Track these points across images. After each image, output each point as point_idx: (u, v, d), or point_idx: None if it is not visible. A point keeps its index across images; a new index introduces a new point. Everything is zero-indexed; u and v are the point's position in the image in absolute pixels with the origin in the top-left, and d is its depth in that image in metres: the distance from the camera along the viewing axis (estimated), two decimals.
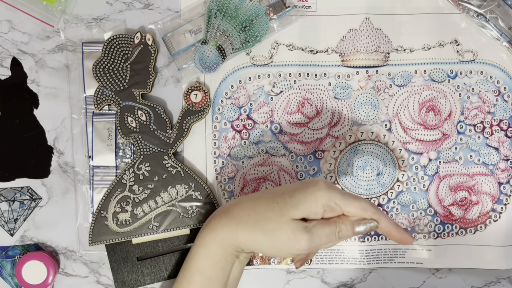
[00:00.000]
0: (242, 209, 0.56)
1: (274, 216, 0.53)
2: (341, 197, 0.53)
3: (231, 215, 0.56)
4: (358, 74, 0.67)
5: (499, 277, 0.69)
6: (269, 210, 0.54)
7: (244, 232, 0.54)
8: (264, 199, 0.55)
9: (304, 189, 0.54)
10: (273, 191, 0.56)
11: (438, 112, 0.67)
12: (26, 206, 0.67)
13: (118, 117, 0.65)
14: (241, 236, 0.55)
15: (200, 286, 0.57)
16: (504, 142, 0.68)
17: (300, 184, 0.55)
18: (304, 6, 0.67)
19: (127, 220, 0.66)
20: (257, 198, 0.56)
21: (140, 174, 0.66)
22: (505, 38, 0.66)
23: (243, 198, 0.57)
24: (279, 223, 0.53)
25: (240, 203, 0.57)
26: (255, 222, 0.54)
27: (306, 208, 0.53)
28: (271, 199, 0.55)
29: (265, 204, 0.55)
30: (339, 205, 0.53)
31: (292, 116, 0.67)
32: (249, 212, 0.55)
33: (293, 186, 0.55)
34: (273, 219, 0.53)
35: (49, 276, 0.65)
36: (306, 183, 0.54)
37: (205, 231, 0.57)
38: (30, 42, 0.67)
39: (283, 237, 0.53)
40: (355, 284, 0.69)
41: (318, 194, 0.53)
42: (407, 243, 0.55)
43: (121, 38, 0.65)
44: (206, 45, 0.64)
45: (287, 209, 0.53)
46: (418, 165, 0.68)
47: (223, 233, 0.55)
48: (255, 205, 0.55)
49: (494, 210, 0.68)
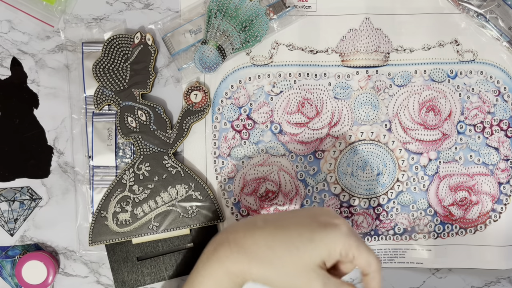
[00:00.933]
0: (256, 244, 0.52)
1: (292, 262, 0.51)
2: (357, 246, 0.51)
3: (243, 250, 0.52)
4: (358, 74, 0.67)
5: (499, 277, 0.69)
6: (287, 253, 0.51)
7: (257, 269, 0.51)
8: (281, 240, 0.52)
9: (325, 234, 0.51)
10: (289, 228, 0.52)
11: (438, 112, 0.67)
12: (26, 206, 0.67)
13: (118, 117, 0.65)
14: (254, 272, 0.51)
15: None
16: (504, 142, 0.68)
17: (320, 226, 0.52)
18: (304, 6, 0.67)
19: (127, 220, 0.66)
20: (272, 235, 0.52)
21: (140, 174, 0.66)
22: (505, 38, 0.66)
23: (256, 229, 0.53)
24: (297, 270, 0.51)
25: (252, 235, 0.53)
26: (271, 262, 0.51)
27: (325, 254, 0.51)
28: (290, 241, 0.51)
29: (283, 246, 0.51)
30: (354, 254, 0.51)
31: (292, 116, 0.67)
32: (264, 250, 0.51)
33: (312, 228, 0.52)
34: (291, 265, 0.51)
35: (49, 276, 0.65)
36: (326, 225, 0.51)
37: (213, 262, 0.53)
38: (30, 42, 0.67)
39: (297, 283, 0.51)
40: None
41: (338, 241, 0.50)
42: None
43: (121, 38, 0.65)
44: (206, 45, 0.64)
45: (307, 255, 0.51)
46: (418, 165, 0.68)
47: (234, 267, 0.52)
48: (272, 244, 0.52)
49: (494, 210, 0.68)
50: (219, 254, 0.53)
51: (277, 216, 0.55)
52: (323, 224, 0.51)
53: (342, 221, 0.52)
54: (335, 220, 0.52)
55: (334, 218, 0.53)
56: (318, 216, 0.53)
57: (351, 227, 0.52)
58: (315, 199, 0.67)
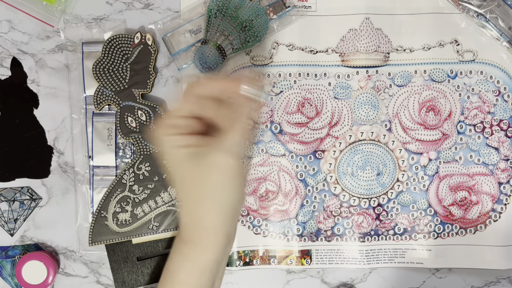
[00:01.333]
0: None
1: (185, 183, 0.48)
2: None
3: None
4: (358, 74, 0.67)
5: (499, 277, 0.69)
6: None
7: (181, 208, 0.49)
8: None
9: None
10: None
11: (438, 112, 0.67)
12: (26, 206, 0.67)
13: (118, 117, 0.65)
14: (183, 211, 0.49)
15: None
16: (504, 142, 0.68)
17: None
18: (304, 6, 0.67)
19: (127, 220, 0.66)
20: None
21: (140, 174, 0.66)
22: (505, 38, 0.66)
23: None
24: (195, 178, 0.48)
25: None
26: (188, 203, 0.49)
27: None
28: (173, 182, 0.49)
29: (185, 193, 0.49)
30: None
31: (292, 116, 0.67)
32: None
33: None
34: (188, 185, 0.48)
35: (49, 276, 0.65)
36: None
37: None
38: (30, 42, 0.67)
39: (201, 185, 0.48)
40: (355, 284, 0.69)
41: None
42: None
43: (121, 38, 0.65)
44: (206, 45, 0.64)
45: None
46: (418, 165, 0.68)
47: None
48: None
49: (494, 210, 0.68)
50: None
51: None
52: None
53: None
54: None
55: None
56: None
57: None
58: (315, 199, 0.67)
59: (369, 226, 0.68)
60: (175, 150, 0.48)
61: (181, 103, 0.49)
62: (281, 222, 0.67)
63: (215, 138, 0.48)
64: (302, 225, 0.67)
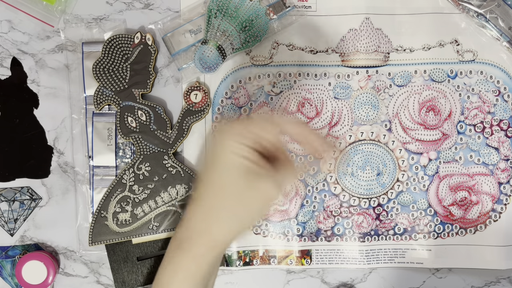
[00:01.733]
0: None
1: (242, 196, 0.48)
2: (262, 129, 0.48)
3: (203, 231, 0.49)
4: (358, 74, 0.67)
5: (499, 277, 0.69)
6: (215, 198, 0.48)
7: (218, 226, 0.49)
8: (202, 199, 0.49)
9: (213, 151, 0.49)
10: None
11: (438, 112, 0.67)
12: (26, 206, 0.67)
13: (118, 117, 0.65)
14: (215, 231, 0.49)
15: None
16: (504, 142, 0.68)
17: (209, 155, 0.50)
18: (304, 6, 0.67)
19: (127, 220, 0.66)
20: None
21: (140, 174, 0.66)
22: (505, 38, 0.66)
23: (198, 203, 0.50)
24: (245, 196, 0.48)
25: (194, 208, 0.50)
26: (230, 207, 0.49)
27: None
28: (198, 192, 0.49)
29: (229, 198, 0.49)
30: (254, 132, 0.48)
31: (292, 116, 0.67)
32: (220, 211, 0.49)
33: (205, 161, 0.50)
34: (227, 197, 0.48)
35: (49, 276, 0.65)
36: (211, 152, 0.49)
37: (179, 254, 0.51)
38: (30, 42, 0.67)
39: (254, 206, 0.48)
40: (355, 284, 0.69)
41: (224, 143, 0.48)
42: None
43: (121, 38, 0.65)
44: (206, 45, 0.64)
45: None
46: (418, 165, 0.68)
47: (198, 249, 0.50)
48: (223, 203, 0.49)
49: (494, 210, 0.68)
50: (183, 247, 0.51)
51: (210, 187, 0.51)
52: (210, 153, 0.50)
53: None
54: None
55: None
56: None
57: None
58: (315, 199, 0.67)
59: (369, 226, 0.68)
60: (235, 157, 0.48)
61: (264, 124, 0.49)
62: (281, 222, 0.67)
63: (274, 166, 0.49)
64: (302, 225, 0.67)
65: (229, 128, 0.49)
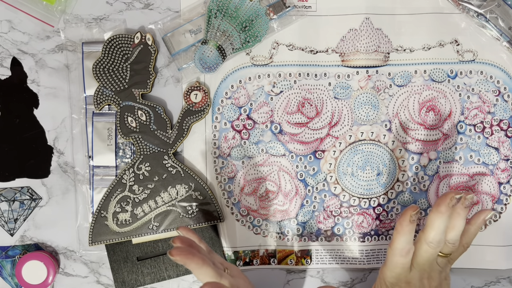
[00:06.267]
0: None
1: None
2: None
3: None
4: (358, 74, 0.67)
5: (499, 277, 0.69)
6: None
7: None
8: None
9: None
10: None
11: (438, 112, 0.67)
12: (26, 206, 0.67)
13: (118, 117, 0.65)
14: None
15: None
16: (504, 142, 0.68)
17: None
18: (304, 6, 0.67)
19: (127, 220, 0.66)
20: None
21: (140, 174, 0.66)
22: (505, 38, 0.66)
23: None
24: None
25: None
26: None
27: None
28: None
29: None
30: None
31: (292, 116, 0.67)
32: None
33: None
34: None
35: (49, 276, 0.65)
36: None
37: None
38: (30, 42, 0.67)
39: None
40: (355, 284, 0.69)
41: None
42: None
43: (121, 38, 0.65)
44: (206, 45, 0.64)
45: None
46: (418, 165, 0.68)
47: None
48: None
49: (494, 210, 0.68)
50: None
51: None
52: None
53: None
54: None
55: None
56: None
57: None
58: (315, 199, 0.67)
59: (369, 226, 0.68)
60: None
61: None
62: (281, 222, 0.67)
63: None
64: (302, 225, 0.67)
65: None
